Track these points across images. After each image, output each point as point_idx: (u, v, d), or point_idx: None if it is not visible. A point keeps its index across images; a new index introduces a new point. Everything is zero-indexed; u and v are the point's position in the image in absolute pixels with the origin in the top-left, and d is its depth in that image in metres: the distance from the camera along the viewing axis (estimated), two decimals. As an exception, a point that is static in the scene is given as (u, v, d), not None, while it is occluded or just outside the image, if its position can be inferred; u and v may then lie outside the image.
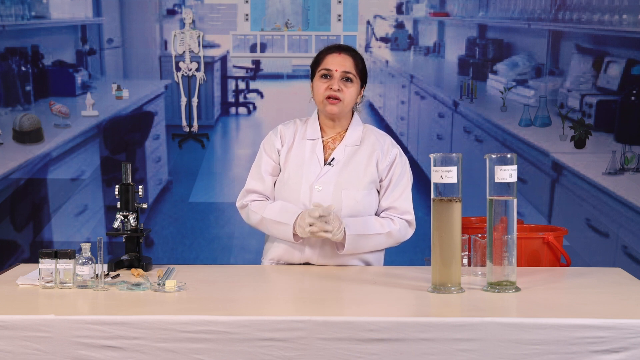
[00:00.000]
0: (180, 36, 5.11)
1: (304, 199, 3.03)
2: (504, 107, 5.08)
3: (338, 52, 3.06)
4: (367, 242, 3.00)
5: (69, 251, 2.67)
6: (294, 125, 3.17)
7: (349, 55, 3.06)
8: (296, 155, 3.10)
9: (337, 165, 3.06)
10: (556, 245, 3.19)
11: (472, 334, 2.26)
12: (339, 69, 3.03)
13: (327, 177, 3.04)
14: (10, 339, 2.28)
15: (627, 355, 2.25)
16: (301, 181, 3.04)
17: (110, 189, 5.06)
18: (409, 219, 3.08)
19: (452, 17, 5.13)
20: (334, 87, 3.02)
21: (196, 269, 2.99)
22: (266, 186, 3.12)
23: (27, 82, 5.11)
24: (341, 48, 3.09)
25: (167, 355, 2.28)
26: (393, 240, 3.06)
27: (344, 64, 3.04)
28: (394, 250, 4.94)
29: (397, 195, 3.08)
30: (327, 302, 2.53)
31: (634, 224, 4.99)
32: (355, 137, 3.11)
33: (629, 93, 4.99)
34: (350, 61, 3.05)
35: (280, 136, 3.14)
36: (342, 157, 3.08)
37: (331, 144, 3.12)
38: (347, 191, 3.02)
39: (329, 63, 3.05)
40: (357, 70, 3.06)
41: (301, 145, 3.11)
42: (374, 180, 3.07)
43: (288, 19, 5.17)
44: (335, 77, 3.03)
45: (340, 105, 3.04)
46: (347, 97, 3.03)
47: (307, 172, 3.06)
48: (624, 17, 4.95)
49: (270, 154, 3.13)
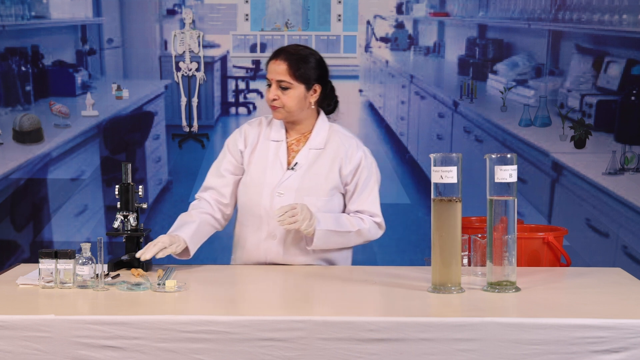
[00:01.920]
0: (180, 36, 5.11)
1: (265, 204, 3.02)
2: (504, 107, 5.08)
3: (275, 59, 3.02)
4: (337, 239, 3.00)
5: (69, 251, 2.67)
6: (259, 125, 3.14)
7: (284, 61, 2.99)
8: (259, 157, 3.08)
9: (300, 170, 3.04)
10: (556, 245, 3.19)
11: (472, 334, 2.26)
12: (273, 77, 3.00)
13: (289, 182, 3.02)
14: (10, 339, 2.28)
15: (627, 355, 2.25)
16: (263, 185, 3.04)
17: (110, 189, 5.06)
18: (378, 221, 3.09)
19: (452, 17, 5.13)
20: (270, 97, 3.00)
21: (196, 269, 2.99)
22: (224, 183, 3.10)
23: (27, 82, 5.11)
24: (280, 53, 3.03)
25: (167, 355, 2.28)
26: (362, 240, 3.06)
27: (278, 71, 2.99)
28: (394, 250, 4.93)
29: (364, 198, 3.07)
30: (327, 302, 2.53)
31: (634, 224, 4.99)
32: (319, 139, 3.08)
33: (629, 93, 4.99)
34: (284, 67, 2.99)
35: (244, 136, 3.12)
36: (305, 161, 3.05)
37: (295, 146, 3.09)
38: (308, 198, 3.00)
39: (268, 71, 3.03)
40: (294, 75, 2.99)
41: (265, 147, 3.09)
42: (337, 186, 3.05)
43: (288, 19, 5.17)
44: (272, 86, 3.00)
45: (282, 112, 3.01)
46: (286, 103, 2.99)
47: (269, 176, 3.04)
48: (624, 17, 4.95)
49: (234, 153, 3.11)
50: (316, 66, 3.04)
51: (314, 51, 3.09)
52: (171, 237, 2.90)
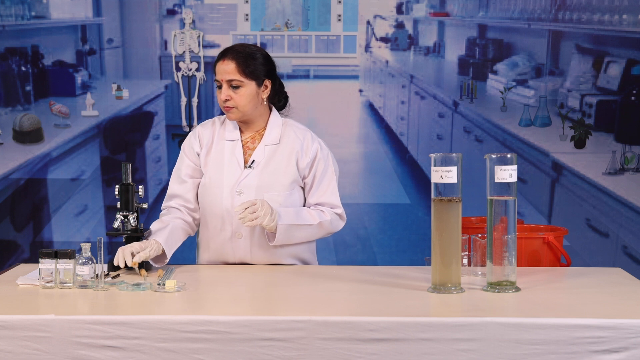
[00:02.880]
0: (180, 36, 5.11)
1: (227, 204, 3.01)
2: (504, 107, 5.08)
3: (222, 59, 3.00)
4: (299, 233, 2.99)
5: (69, 251, 2.67)
6: (213, 125, 3.13)
7: (231, 60, 2.97)
8: (216, 158, 3.07)
9: (258, 167, 3.03)
10: (556, 245, 3.19)
11: (472, 334, 2.26)
12: (223, 77, 2.98)
13: (247, 180, 3.02)
14: (10, 339, 2.28)
15: (627, 355, 2.25)
16: (222, 186, 3.03)
17: (110, 189, 5.06)
18: (339, 212, 3.08)
19: (452, 17, 5.13)
20: (222, 97, 2.98)
21: (196, 269, 2.99)
22: (187, 189, 3.10)
23: (27, 82, 5.11)
24: (226, 53, 3.01)
25: (167, 355, 2.28)
26: (324, 232, 3.05)
27: (227, 70, 2.97)
28: (394, 250, 4.92)
29: (323, 191, 3.06)
30: (327, 302, 2.53)
31: (634, 224, 4.99)
32: (274, 135, 3.07)
33: (629, 93, 4.99)
34: (232, 65, 2.97)
35: (198, 138, 3.11)
36: (262, 158, 3.04)
37: (250, 144, 3.08)
38: (269, 194, 2.99)
39: (217, 73, 3.01)
40: (244, 72, 2.97)
41: (220, 147, 3.08)
42: (296, 179, 3.05)
43: (288, 19, 5.17)
44: (223, 87, 2.99)
45: (236, 112, 3.00)
46: (239, 102, 2.98)
47: (227, 176, 3.03)
48: (624, 17, 4.95)
49: (190, 157, 3.11)
50: (264, 62, 3.03)
51: (259, 47, 3.10)
52: (143, 243, 2.88)
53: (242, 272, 2.96)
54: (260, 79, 3.02)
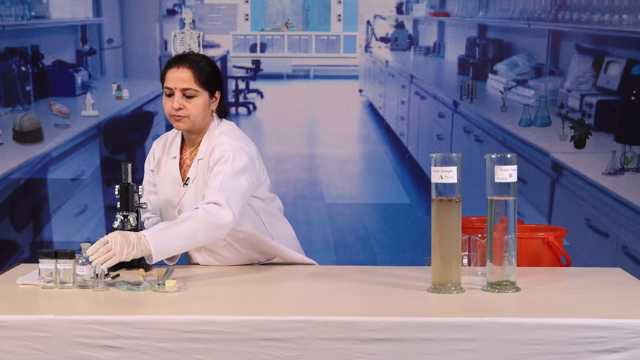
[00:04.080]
0: (180, 36, 5.11)
1: None
2: (504, 107, 5.08)
3: (177, 67, 2.91)
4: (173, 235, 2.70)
5: (69, 251, 2.67)
6: (165, 141, 3.11)
7: (187, 68, 2.91)
8: (163, 176, 3.07)
9: (192, 184, 2.99)
10: (556, 245, 3.19)
11: (472, 334, 2.26)
12: (177, 86, 2.91)
13: (185, 198, 2.99)
14: (10, 339, 2.28)
15: (627, 355, 2.25)
16: (168, 205, 3.03)
17: (110, 189, 5.05)
18: (215, 200, 2.76)
19: (452, 17, 5.13)
20: (175, 106, 2.91)
21: (196, 269, 2.99)
22: (152, 205, 3.13)
23: (27, 82, 5.11)
24: (180, 60, 2.93)
25: (167, 355, 2.28)
26: (205, 225, 2.72)
27: (183, 79, 2.90)
28: (394, 250, 4.92)
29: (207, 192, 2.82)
30: (327, 302, 2.53)
31: (634, 224, 4.99)
32: (204, 149, 2.99)
33: (629, 93, 4.99)
34: (188, 74, 2.90)
35: (153, 154, 3.11)
36: (195, 174, 2.99)
37: (189, 160, 3.04)
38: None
39: (168, 80, 2.93)
40: (200, 82, 2.91)
41: (167, 165, 3.07)
42: None
43: (288, 19, 5.17)
44: (176, 95, 2.91)
45: (187, 122, 2.94)
46: (192, 112, 2.92)
47: (170, 195, 3.03)
48: (624, 17, 4.95)
49: (148, 174, 3.14)
50: (216, 73, 2.99)
51: (210, 58, 3.03)
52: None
53: (242, 272, 2.95)
54: (212, 90, 2.98)
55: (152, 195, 3.14)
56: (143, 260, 2.93)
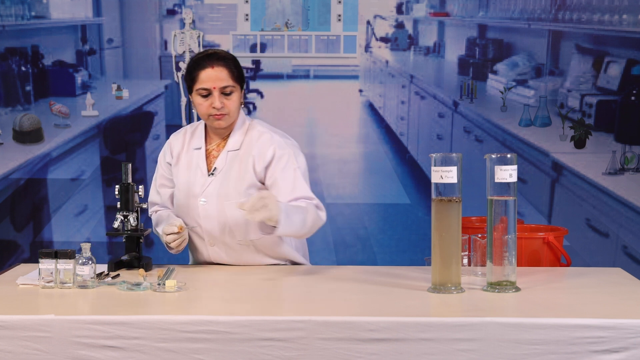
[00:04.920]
0: (180, 36, 5.11)
1: (194, 214, 3.00)
2: (504, 107, 5.08)
3: (211, 66, 2.92)
4: (295, 216, 2.83)
5: (69, 251, 2.67)
6: (184, 134, 3.12)
7: (222, 66, 2.93)
8: (183, 167, 3.07)
9: (220, 174, 3.00)
10: (556, 245, 3.19)
11: (472, 334, 2.26)
12: (216, 85, 2.92)
13: (210, 188, 2.99)
14: (10, 339, 2.28)
15: (627, 355, 2.25)
16: (189, 195, 3.02)
17: (110, 189, 5.06)
18: (316, 203, 2.94)
19: (452, 17, 5.13)
20: (217, 106, 2.92)
21: (196, 269, 2.99)
22: (163, 199, 3.13)
23: (27, 82, 5.11)
24: (212, 59, 2.94)
25: (167, 355, 2.28)
26: (312, 219, 2.89)
27: (220, 77, 2.92)
28: (394, 250, 4.92)
29: (290, 187, 2.94)
30: (327, 302, 2.53)
31: (634, 224, 4.99)
32: (236, 141, 3.02)
33: (629, 93, 4.99)
34: (225, 72, 2.93)
35: (170, 148, 3.11)
36: (224, 165, 3.00)
37: (215, 151, 3.05)
38: (228, 202, 2.96)
39: (204, 81, 2.93)
40: (234, 78, 2.95)
41: (188, 156, 3.07)
42: (254, 184, 2.98)
43: (288, 19, 5.17)
44: (215, 95, 2.93)
45: (227, 119, 2.97)
46: (231, 108, 2.95)
47: (193, 185, 3.02)
48: (624, 17, 4.95)
49: (163, 167, 3.13)
50: (240, 66, 3.02)
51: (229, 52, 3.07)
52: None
53: (242, 272, 2.96)
54: (242, 83, 3.01)
55: (164, 188, 3.13)
56: (143, 260, 2.94)
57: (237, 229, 2.96)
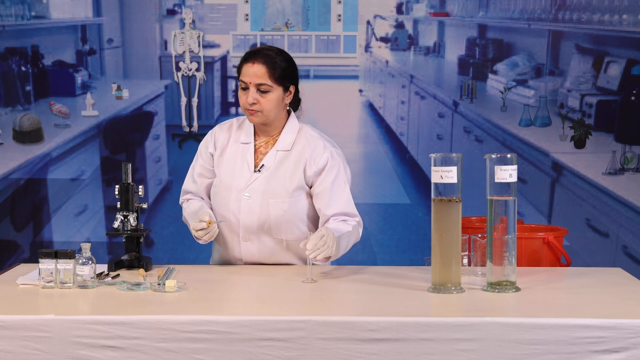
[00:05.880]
0: (180, 36, 5.11)
1: (233, 207, 3.00)
2: (504, 107, 5.08)
3: (252, 62, 2.93)
4: (343, 242, 2.92)
5: (69, 251, 2.67)
6: (230, 128, 3.11)
7: (262, 64, 2.92)
8: (228, 160, 3.06)
9: (267, 172, 3.00)
10: (556, 245, 3.19)
11: (472, 334, 2.26)
12: (252, 81, 2.93)
13: (255, 184, 2.99)
14: (10, 339, 2.28)
15: (627, 355, 2.25)
16: (231, 188, 3.01)
17: (110, 189, 5.06)
18: (358, 221, 3.02)
19: (452, 17, 5.13)
20: (249, 101, 2.93)
21: (196, 269, 2.99)
22: (198, 188, 3.11)
23: (27, 82, 5.11)
24: (256, 55, 2.95)
25: (167, 355, 2.28)
26: (355, 238, 3.02)
27: (257, 74, 2.92)
28: (394, 250, 4.91)
29: (338, 200, 2.99)
30: (327, 302, 2.53)
31: (634, 224, 4.99)
32: (287, 141, 3.03)
33: (629, 93, 4.99)
34: (263, 70, 2.92)
35: (214, 139, 3.10)
36: (272, 163, 3.01)
37: (263, 148, 3.06)
38: (274, 200, 2.97)
39: (244, 74, 2.95)
40: (274, 78, 2.93)
41: (234, 150, 3.07)
42: (301, 186, 2.99)
43: (288, 19, 5.17)
44: (250, 90, 2.94)
45: (260, 116, 2.96)
46: (265, 107, 2.94)
47: (237, 179, 3.02)
48: (624, 17, 4.95)
49: (204, 156, 3.11)
50: (291, 67, 3.01)
51: (286, 52, 3.05)
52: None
53: (242, 272, 2.96)
54: (287, 85, 2.99)
55: (202, 178, 3.11)
56: (143, 260, 2.94)
57: (275, 227, 2.98)
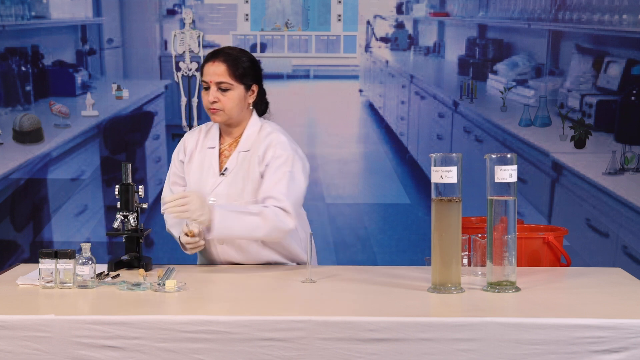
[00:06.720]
0: (180, 36, 5.12)
1: None
2: (504, 107, 5.08)
3: (213, 61, 2.97)
4: (238, 222, 2.84)
5: (69, 251, 2.67)
6: (198, 133, 3.14)
7: (222, 62, 2.96)
8: (196, 165, 3.08)
9: (230, 174, 3.01)
10: (556, 245, 3.19)
11: (472, 334, 2.26)
12: (213, 79, 2.95)
13: (219, 188, 3.01)
14: (10, 339, 2.28)
15: (627, 355, 2.25)
16: None
17: (110, 189, 5.06)
18: (281, 206, 2.88)
19: (452, 17, 5.13)
20: (210, 99, 2.96)
21: (196, 269, 3.00)
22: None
23: (27, 82, 5.11)
24: (217, 54, 2.99)
25: (167, 355, 2.28)
26: (270, 225, 2.85)
27: (217, 72, 2.95)
28: (394, 250, 4.92)
29: (269, 185, 2.93)
30: (327, 302, 2.53)
31: (634, 224, 4.99)
32: (248, 141, 3.03)
33: (629, 93, 4.99)
34: (223, 67, 2.95)
35: (184, 146, 3.13)
36: (234, 165, 3.02)
37: (227, 151, 3.07)
38: (238, 202, 2.97)
39: (205, 74, 2.99)
40: (235, 76, 2.95)
41: (202, 155, 3.09)
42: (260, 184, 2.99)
43: (288, 19, 5.17)
44: (211, 89, 2.96)
45: (222, 115, 2.98)
46: (226, 105, 2.96)
47: (204, 184, 3.03)
48: (624, 17, 4.95)
49: (177, 164, 3.14)
50: (253, 66, 3.03)
51: (248, 52, 3.07)
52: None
53: (242, 272, 2.96)
54: (249, 83, 3.01)
55: (175, 186, 3.14)
56: (143, 260, 2.94)
57: None
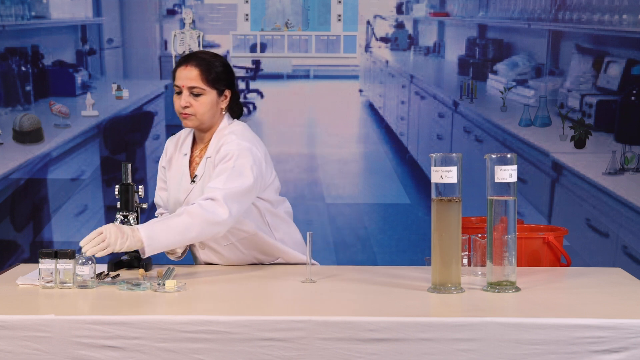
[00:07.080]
0: (180, 36, 5.11)
1: None
2: (504, 107, 5.08)
3: (185, 65, 2.94)
4: (167, 230, 2.71)
5: (69, 251, 2.67)
6: (178, 139, 3.13)
7: (195, 67, 2.93)
8: (174, 172, 3.09)
9: (200, 181, 2.99)
10: (556, 245, 3.19)
11: (472, 334, 2.26)
12: (185, 84, 2.93)
13: (191, 195, 2.99)
14: (10, 339, 2.28)
15: (627, 355, 2.25)
16: (176, 202, 3.04)
17: (110, 189, 5.06)
18: (212, 196, 2.77)
19: (452, 17, 5.13)
20: (182, 104, 2.93)
21: (196, 269, 2.99)
22: (163, 202, 3.16)
23: (27, 82, 5.11)
24: (190, 59, 2.96)
25: (167, 355, 2.28)
26: (199, 220, 2.73)
27: (190, 77, 2.92)
28: (394, 250, 4.92)
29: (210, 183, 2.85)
30: (327, 302, 2.53)
31: (634, 224, 4.99)
32: (214, 147, 3.00)
33: (629, 93, 4.99)
34: (195, 72, 2.92)
35: (165, 152, 3.14)
36: (203, 172, 2.99)
37: (198, 157, 3.05)
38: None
39: (177, 78, 2.96)
40: (207, 81, 2.93)
41: (178, 162, 3.08)
42: None
43: (288, 19, 5.17)
44: (183, 93, 2.94)
45: (194, 120, 2.96)
46: (198, 110, 2.94)
47: (179, 191, 3.04)
48: (624, 17, 4.95)
49: (161, 171, 3.16)
50: (226, 71, 3.00)
51: (221, 57, 3.05)
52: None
53: (242, 271, 2.95)
54: (221, 88, 2.99)
55: (162, 191, 3.15)
56: (143, 260, 2.93)
57: None
